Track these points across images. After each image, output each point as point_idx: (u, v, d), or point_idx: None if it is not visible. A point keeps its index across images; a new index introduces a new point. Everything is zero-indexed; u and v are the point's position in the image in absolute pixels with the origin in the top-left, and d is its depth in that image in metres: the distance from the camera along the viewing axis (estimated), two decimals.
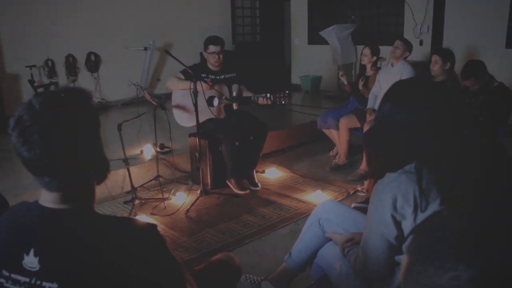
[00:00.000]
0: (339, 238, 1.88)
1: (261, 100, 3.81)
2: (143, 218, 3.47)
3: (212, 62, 3.97)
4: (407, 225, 1.38)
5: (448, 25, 6.43)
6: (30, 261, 1.02)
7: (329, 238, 1.99)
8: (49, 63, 6.72)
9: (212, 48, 3.94)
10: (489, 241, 0.65)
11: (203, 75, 3.94)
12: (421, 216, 1.33)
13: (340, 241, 1.84)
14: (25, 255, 1.02)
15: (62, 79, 6.91)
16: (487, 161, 1.36)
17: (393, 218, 1.38)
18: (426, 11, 6.60)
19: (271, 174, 4.46)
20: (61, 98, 1.06)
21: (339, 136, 4.56)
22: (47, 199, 1.07)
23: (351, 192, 3.95)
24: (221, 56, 3.96)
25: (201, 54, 5.05)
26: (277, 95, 3.75)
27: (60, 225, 1.05)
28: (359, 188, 3.97)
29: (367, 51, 4.65)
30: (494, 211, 1.24)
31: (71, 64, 6.97)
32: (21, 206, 1.11)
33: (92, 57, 7.18)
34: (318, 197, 3.82)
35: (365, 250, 1.52)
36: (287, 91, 3.77)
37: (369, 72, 4.74)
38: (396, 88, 1.48)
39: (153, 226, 1.12)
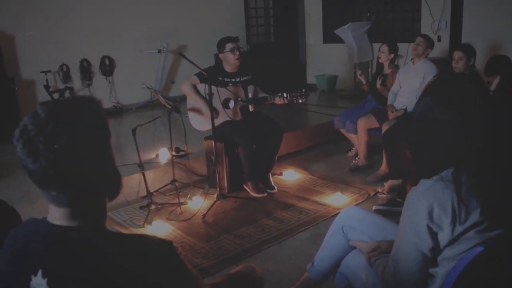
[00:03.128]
0: (364, 246, 1.77)
1: (277, 100, 3.80)
2: (159, 223, 3.41)
3: (233, 61, 3.88)
4: (444, 237, 1.28)
5: (466, 19, 6.23)
6: (38, 282, 0.95)
7: (353, 246, 1.90)
8: (64, 68, 6.73)
9: (230, 45, 3.87)
10: None
11: (219, 78, 3.88)
12: (460, 228, 1.23)
13: (366, 250, 1.73)
14: (33, 276, 0.96)
15: (77, 83, 6.92)
16: None
17: (429, 228, 1.28)
18: (444, 6, 6.41)
19: (289, 176, 4.37)
20: (68, 107, 1.00)
21: (357, 137, 4.45)
22: (56, 215, 1.00)
23: (372, 194, 3.84)
24: (240, 51, 3.90)
25: (215, 56, 5.00)
26: (294, 94, 3.75)
27: (69, 245, 0.98)
28: (380, 190, 3.84)
29: (384, 48, 4.52)
30: None
31: (85, 69, 6.97)
32: (29, 223, 1.05)
33: (106, 61, 7.17)
34: (337, 200, 3.71)
35: (396, 261, 1.42)
36: (303, 90, 3.78)
37: (386, 70, 4.62)
38: (440, 85, 1.37)
39: (168, 243, 1.04)
